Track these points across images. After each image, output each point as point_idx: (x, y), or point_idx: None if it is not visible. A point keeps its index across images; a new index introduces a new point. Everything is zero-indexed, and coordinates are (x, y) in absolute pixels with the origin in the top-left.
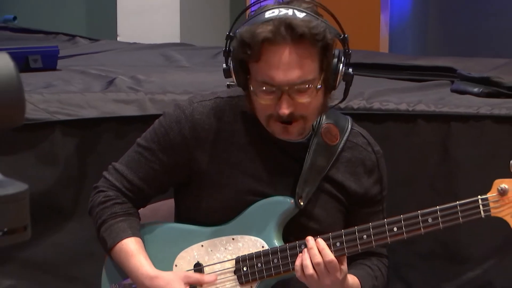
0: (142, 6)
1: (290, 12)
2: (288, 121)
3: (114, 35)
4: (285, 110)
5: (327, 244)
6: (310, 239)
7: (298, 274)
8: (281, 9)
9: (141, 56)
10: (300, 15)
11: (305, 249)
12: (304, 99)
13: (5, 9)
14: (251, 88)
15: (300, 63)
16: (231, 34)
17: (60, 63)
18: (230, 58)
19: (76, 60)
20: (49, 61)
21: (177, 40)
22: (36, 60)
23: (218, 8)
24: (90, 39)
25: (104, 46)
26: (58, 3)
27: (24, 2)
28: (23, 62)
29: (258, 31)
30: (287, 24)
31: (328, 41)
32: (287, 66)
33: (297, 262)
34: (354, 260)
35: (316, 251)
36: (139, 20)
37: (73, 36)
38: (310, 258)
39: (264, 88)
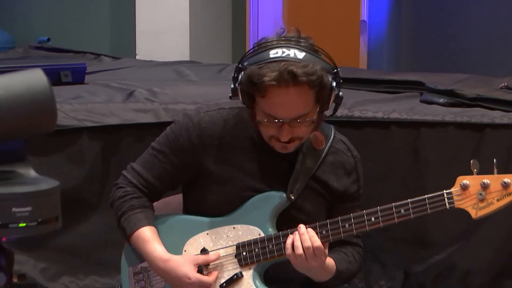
0: (157, 29)
1: (291, 53)
2: (286, 142)
3: (134, 54)
4: (285, 138)
5: (314, 232)
6: (302, 226)
7: (288, 252)
8: (283, 50)
9: (156, 72)
10: (300, 55)
11: (296, 232)
12: (301, 128)
13: (41, 32)
14: (256, 117)
15: (299, 102)
16: (240, 66)
17: (87, 78)
18: (238, 85)
19: (101, 75)
20: (78, 76)
21: (187, 58)
22: (67, 75)
23: (221, 31)
24: (113, 57)
25: (124, 63)
26: (86, 27)
27: (56, 26)
28: (55, 77)
29: (264, 76)
30: (289, 71)
31: (324, 82)
32: (289, 105)
33: (288, 241)
34: (332, 248)
35: (307, 237)
36: (155, 41)
37: (98, 55)
38: (301, 242)
39: (268, 120)
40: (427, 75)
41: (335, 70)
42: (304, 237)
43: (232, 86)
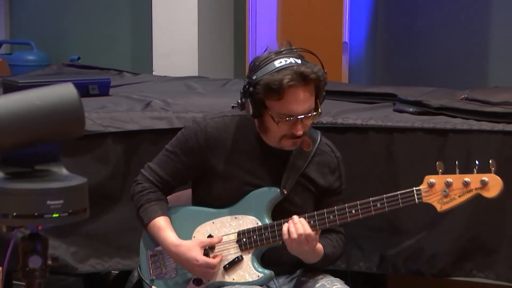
0: (170, 50)
1: (292, 60)
2: (298, 136)
3: (151, 70)
4: (300, 132)
5: (305, 221)
6: (295, 217)
7: (285, 237)
8: (285, 59)
9: (169, 86)
10: (299, 61)
11: (291, 220)
12: (309, 122)
13: (72, 51)
14: (274, 120)
15: (309, 99)
16: (249, 80)
17: (111, 91)
18: (249, 98)
19: (123, 89)
20: (103, 89)
21: (196, 74)
22: (94, 88)
23: (225, 51)
24: (133, 73)
25: (143, 78)
26: (110, 48)
27: (85, 46)
28: (84, 90)
29: (282, 80)
30: (301, 72)
31: (323, 82)
32: (302, 102)
33: (284, 229)
34: (320, 235)
35: (299, 226)
36: (168, 60)
37: (121, 71)
38: (295, 229)
39: (285, 119)
40: (399, 88)
41: (325, 72)
42: (297, 226)
43: (240, 100)
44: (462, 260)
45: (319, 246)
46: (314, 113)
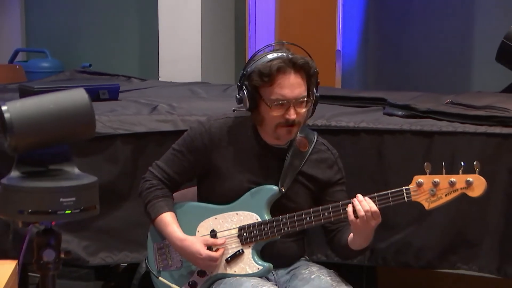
0: (175, 57)
1: (284, 53)
2: (291, 124)
3: (157, 76)
4: (293, 116)
5: (302, 217)
6: (359, 196)
7: (351, 218)
8: (278, 53)
9: (175, 91)
10: (290, 54)
11: (355, 200)
12: (302, 109)
13: (84, 59)
14: (268, 105)
15: (300, 84)
16: (244, 72)
17: (120, 95)
18: (243, 90)
19: (131, 93)
20: (113, 94)
21: (199, 80)
22: (104, 93)
23: (226, 58)
24: (140, 79)
25: (150, 84)
26: (119, 55)
27: (96, 54)
28: (95, 95)
29: (271, 66)
30: (290, 59)
31: (312, 71)
32: (293, 86)
33: (349, 209)
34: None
35: (365, 203)
36: (174, 66)
37: (129, 77)
38: (361, 207)
39: (277, 103)
40: (388, 93)
41: (317, 70)
42: (363, 203)
43: (238, 95)
44: (447, 253)
45: None
46: (305, 99)
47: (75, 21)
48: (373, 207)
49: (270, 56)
